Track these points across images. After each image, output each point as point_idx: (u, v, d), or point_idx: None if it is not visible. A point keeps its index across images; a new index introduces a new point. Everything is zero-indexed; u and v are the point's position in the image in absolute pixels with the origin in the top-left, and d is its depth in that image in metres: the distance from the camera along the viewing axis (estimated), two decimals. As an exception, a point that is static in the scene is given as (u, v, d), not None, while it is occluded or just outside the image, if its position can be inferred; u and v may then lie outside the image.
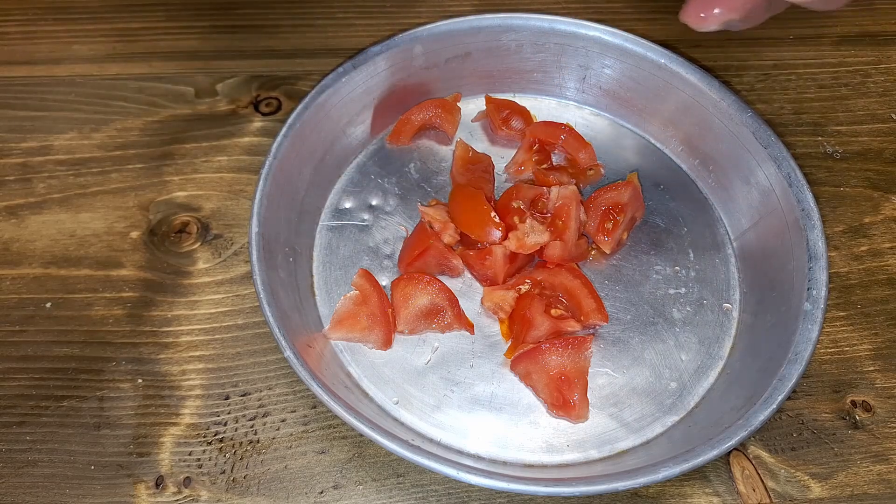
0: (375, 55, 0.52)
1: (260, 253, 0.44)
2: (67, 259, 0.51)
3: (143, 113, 0.59)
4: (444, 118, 0.56)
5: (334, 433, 0.45)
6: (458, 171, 0.54)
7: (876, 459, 0.46)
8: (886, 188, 0.58)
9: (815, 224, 0.47)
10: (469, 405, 0.46)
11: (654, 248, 0.52)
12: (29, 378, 0.47)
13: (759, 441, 0.46)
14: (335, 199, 0.54)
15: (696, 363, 0.48)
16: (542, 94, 0.60)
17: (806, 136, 0.60)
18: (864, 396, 0.48)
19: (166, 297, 0.50)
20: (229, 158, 0.56)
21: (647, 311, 0.50)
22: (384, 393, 0.46)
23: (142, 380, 0.46)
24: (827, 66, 0.65)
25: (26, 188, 0.54)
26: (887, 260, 0.54)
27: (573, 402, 0.44)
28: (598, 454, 0.44)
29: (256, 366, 0.47)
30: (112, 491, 0.43)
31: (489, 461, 0.44)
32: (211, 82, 0.61)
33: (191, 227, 0.53)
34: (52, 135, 0.57)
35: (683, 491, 0.44)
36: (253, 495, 0.43)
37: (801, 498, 0.44)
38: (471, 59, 0.57)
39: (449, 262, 0.50)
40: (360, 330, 0.47)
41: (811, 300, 0.44)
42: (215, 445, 0.44)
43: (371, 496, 0.43)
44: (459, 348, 0.48)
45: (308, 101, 0.50)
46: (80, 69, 0.61)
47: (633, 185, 0.52)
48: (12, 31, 0.63)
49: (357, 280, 0.48)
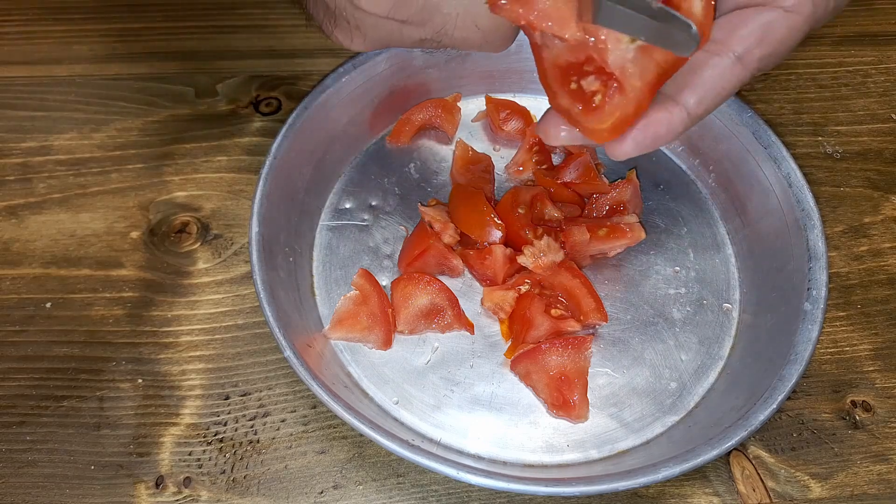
0: (375, 55, 0.52)
1: (260, 253, 0.44)
2: (67, 259, 0.51)
3: (143, 113, 0.58)
4: (444, 118, 0.56)
5: (334, 433, 0.45)
6: (458, 171, 0.54)
7: (876, 459, 0.46)
8: (886, 188, 0.58)
9: (815, 224, 0.47)
10: (469, 405, 0.46)
11: (654, 248, 0.52)
12: (29, 378, 0.47)
13: (759, 441, 0.46)
14: (335, 199, 0.54)
15: (696, 363, 0.48)
16: (542, 94, 0.59)
17: (806, 136, 0.60)
18: (864, 396, 0.48)
19: (166, 297, 0.50)
20: (229, 158, 0.56)
21: (647, 311, 0.50)
22: (384, 393, 0.46)
23: (142, 380, 0.47)
24: (827, 66, 0.65)
25: (26, 188, 0.54)
26: (887, 260, 0.54)
27: (573, 402, 0.44)
28: (598, 454, 0.44)
29: (256, 366, 0.47)
30: (112, 491, 0.43)
31: (489, 461, 0.44)
32: (211, 82, 0.61)
33: (191, 227, 0.53)
34: (52, 135, 0.57)
35: (683, 491, 0.44)
36: (253, 495, 0.43)
37: (801, 498, 0.44)
38: (471, 59, 0.57)
39: (449, 262, 0.50)
40: (360, 330, 0.47)
41: (811, 300, 0.44)
42: (215, 445, 0.44)
43: (371, 496, 0.43)
44: (459, 348, 0.48)
45: (308, 101, 0.50)
46: (80, 69, 0.61)
47: (633, 182, 0.52)
48: (12, 31, 0.63)
49: (357, 280, 0.48)
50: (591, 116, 0.33)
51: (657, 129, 0.34)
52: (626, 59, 0.32)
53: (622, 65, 0.32)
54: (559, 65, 0.34)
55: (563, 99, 0.34)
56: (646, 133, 0.34)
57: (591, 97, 0.33)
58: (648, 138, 0.34)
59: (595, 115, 0.33)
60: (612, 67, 0.32)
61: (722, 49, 0.33)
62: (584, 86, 0.33)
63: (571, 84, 0.34)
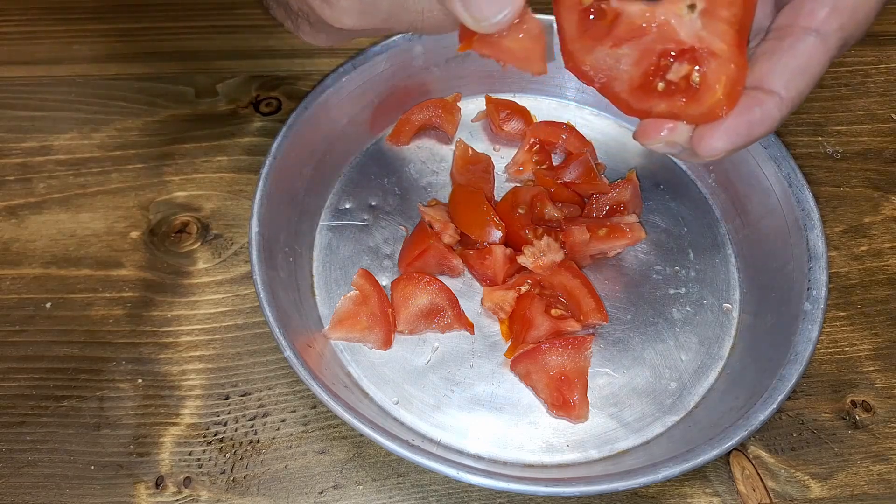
0: (375, 55, 0.52)
1: (260, 253, 0.44)
2: (67, 259, 0.51)
3: (143, 113, 0.59)
4: (444, 118, 0.56)
5: (334, 433, 0.45)
6: (458, 171, 0.54)
7: (876, 459, 0.46)
8: (886, 188, 0.58)
9: (815, 224, 0.47)
10: (469, 405, 0.46)
11: (654, 248, 0.52)
12: (29, 378, 0.47)
13: (759, 441, 0.46)
14: (335, 199, 0.54)
15: (696, 363, 0.48)
16: (542, 94, 0.60)
17: (806, 136, 0.60)
18: (864, 396, 0.48)
19: (166, 297, 0.50)
20: (229, 158, 0.56)
21: (647, 311, 0.50)
22: (384, 393, 0.46)
23: (142, 380, 0.46)
24: (827, 66, 0.65)
25: (26, 188, 0.54)
26: (887, 260, 0.54)
27: (573, 402, 0.44)
28: (598, 454, 0.44)
29: (256, 366, 0.47)
30: (112, 491, 0.43)
31: (489, 461, 0.44)
32: (211, 82, 0.61)
33: (191, 227, 0.53)
34: (52, 135, 0.57)
35: (683, 491, 0.44)
36: (253, 495, 0.43)
37: (801, 498, 0.44)
38: (471, 59, 0.57)
39: (449, 262, 0.50)
40: (360, 330, 0.47)
41: (811, 300, 0.44)
42: (215, 445, 0.44)
43: (371, 496, 0.43)
44: (459, 348, 0.48)
45: (308, 101, 0.50)
46: (80, 69, 0.61)
47: (633, 182, 0.52)
48: (12, 31, 0.63)
49: (357, 280, 0.48)
50: (699, 97, 0.31)
51: (750, 116, 0.31)
52: (696, 28, 0.31)
53: (696, 34, 0.31)
54: (634, 83, 0.33)
55: (660, 105, 0.33)
56: (739, 122, 0.31)
57: (688, 81, 0.31)
58: (742, 127, 0.31)
59: (702, 93, 0.31)
60: (689, 42, 0.31)
61: (796, 30, 0.32)
62: (672, 78, 0.32)
63: (658, 86, 0.32)
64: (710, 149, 0.32)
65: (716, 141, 0.31)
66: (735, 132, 0.31)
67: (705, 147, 0.32)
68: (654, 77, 0.32)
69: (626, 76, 0.33)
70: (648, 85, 0.33)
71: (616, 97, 0.34)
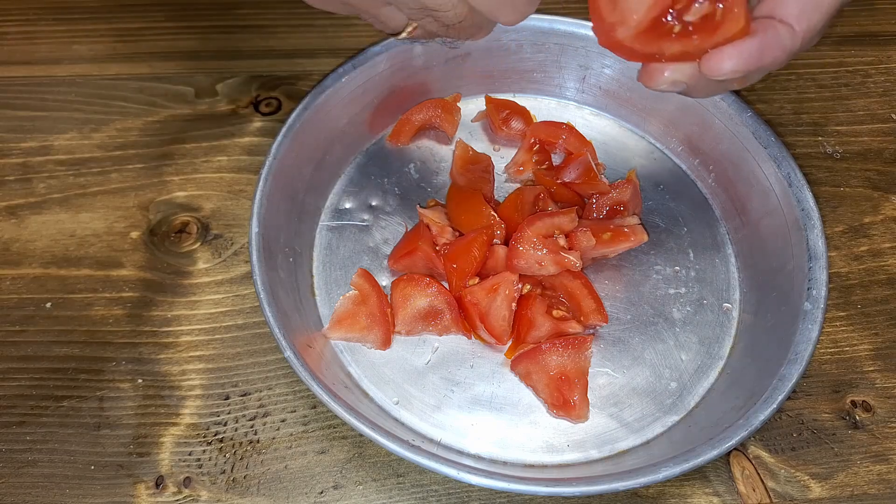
0: (375, 55, 0.52)
1: (260, 253, 0.44)
2: (67, 259, 0.51)
3: (143, 113, 0.59)
4: (444, 118, 0.56)
5: (334, 433, 0.45)
6: (458, 171, 0.54)
7: (876, 459, 0.46)
8: (886, 188, 0.58)
9: (815, 224, 0.47)
10: (469, 405, 0.46)
11: (654, 248, 0.52)
12: (29, 378, 0.47)
13: (759, 441, 0.46)
14: (335, 199, 0.54)
15: (696, 363, 0.48)
16: (542, 94, 0.60)
17: (806, 136, 0.60)
18: (864, 396, 0.48)
19: (166, 297, 0.50)
20: (229, 158, 0.56)
21: (647, 311, 0.50)
22: (384, 393, 0.46)
23: (142, 380, 0.46)
24: (827, 66, 0.65)
25: (26, 188, 0.54)
26: (887, 260, 0.54)
27: (573, 402, 0.44)
28: (598, 454, 0.44)
29: (256, 366, 0.47)
30: (112, 491, 0.43)
31: (489, 461, 0.44)
32: (211, 82, 0.61)
33: (191, 227, 0.53)
34: (52, 135, 0.57)
35: (683, 491, 0.44)
36: (253, 495, 0.43)
37: (801, 498, 0.44)
38: (470, 59, 0.57)
39: (436, 267, 0.49)
40: (359, 330, 0.47)
41: (811, 300, 0.44)
42: (215, 445, 0.44)
43: (371, 496, 0.43)
44: (459, 348, 0.48)
45: (308, 101, 0.50)
46: (80, 69, 0.61)
47: (633, 182, 0.52)
48: (12, 31, 0.63)
49: (356, 280, 0.48)
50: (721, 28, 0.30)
51: (763, 38, 0.30)
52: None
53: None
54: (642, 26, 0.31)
55: (672, 47, 0.31)
56: (751, 42, 0.30)
57: (712, 16, 0.30)
58: (754, 47, 0.30)
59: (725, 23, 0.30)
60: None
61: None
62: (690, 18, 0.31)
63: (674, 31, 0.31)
64: (719, 69, 0.31)
65: (726, 60, 0.31)
66: (747, 52, 0.31)
67: (713, 66, 0.31)
68: (666, 27, 0.31)
69: (634, 20, 0.32)
70: (661, 27, 0.32)
71: (619, 44, 0.33)
